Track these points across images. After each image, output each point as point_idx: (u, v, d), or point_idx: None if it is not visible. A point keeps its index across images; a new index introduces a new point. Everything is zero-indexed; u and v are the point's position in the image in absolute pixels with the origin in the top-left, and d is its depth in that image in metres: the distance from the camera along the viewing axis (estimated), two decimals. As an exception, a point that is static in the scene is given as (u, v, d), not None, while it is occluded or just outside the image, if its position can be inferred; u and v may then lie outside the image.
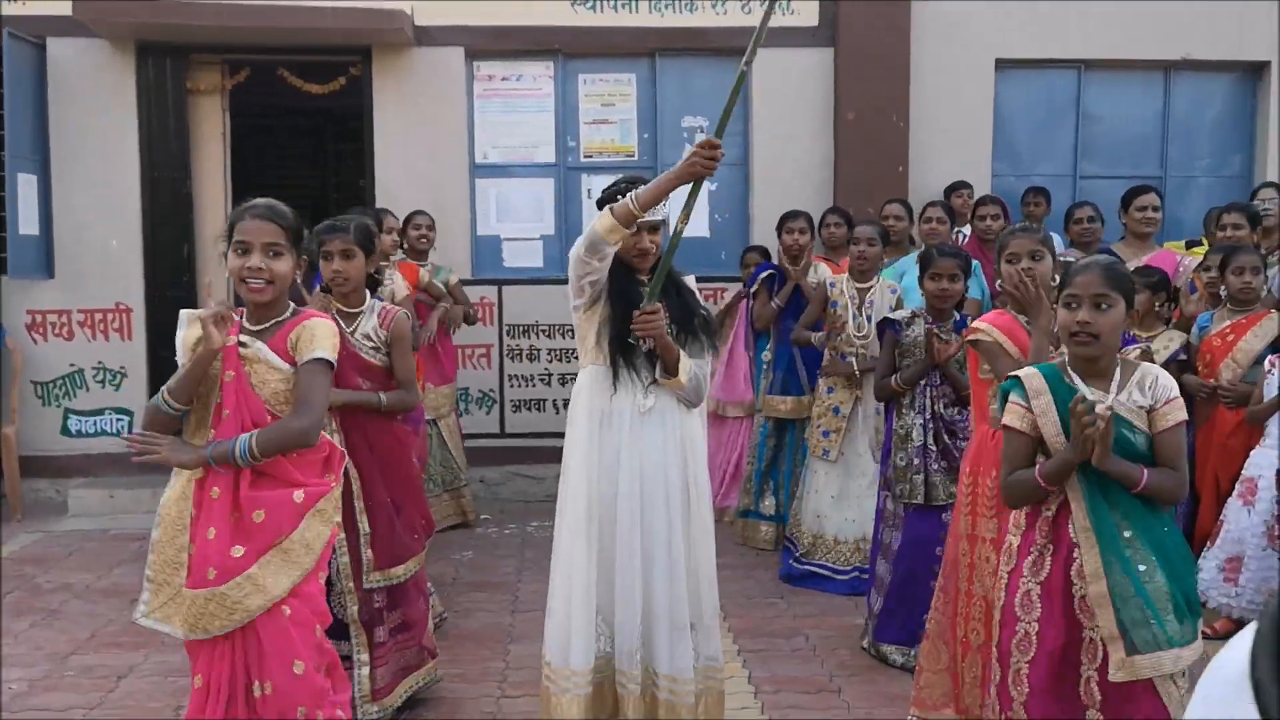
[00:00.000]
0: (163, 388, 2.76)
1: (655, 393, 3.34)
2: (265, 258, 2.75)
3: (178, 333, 2.83)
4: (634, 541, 3.30)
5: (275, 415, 2.77)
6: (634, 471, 3.30)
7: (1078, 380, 2.77)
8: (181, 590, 2.71)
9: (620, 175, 3.55)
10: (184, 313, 2.86)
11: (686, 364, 3.35)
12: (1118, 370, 2.80)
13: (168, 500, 2.76)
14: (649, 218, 3.27)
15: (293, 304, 2.89)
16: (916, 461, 4.39)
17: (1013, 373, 2.94)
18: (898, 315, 4.63)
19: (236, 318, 2.79)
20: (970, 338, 3.58)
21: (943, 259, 4.43)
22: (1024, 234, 3.56)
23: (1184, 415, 2.77)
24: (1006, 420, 2.84)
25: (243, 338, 2.78)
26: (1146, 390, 2.77)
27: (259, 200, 2.85)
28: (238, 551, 2.69)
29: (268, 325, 2.83)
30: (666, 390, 3.36)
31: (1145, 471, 2.68)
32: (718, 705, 3.47)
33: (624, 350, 3.30)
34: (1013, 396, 2.85)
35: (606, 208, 3.21)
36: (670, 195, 3.24)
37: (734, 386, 6.66)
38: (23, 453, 7.14)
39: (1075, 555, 2.71)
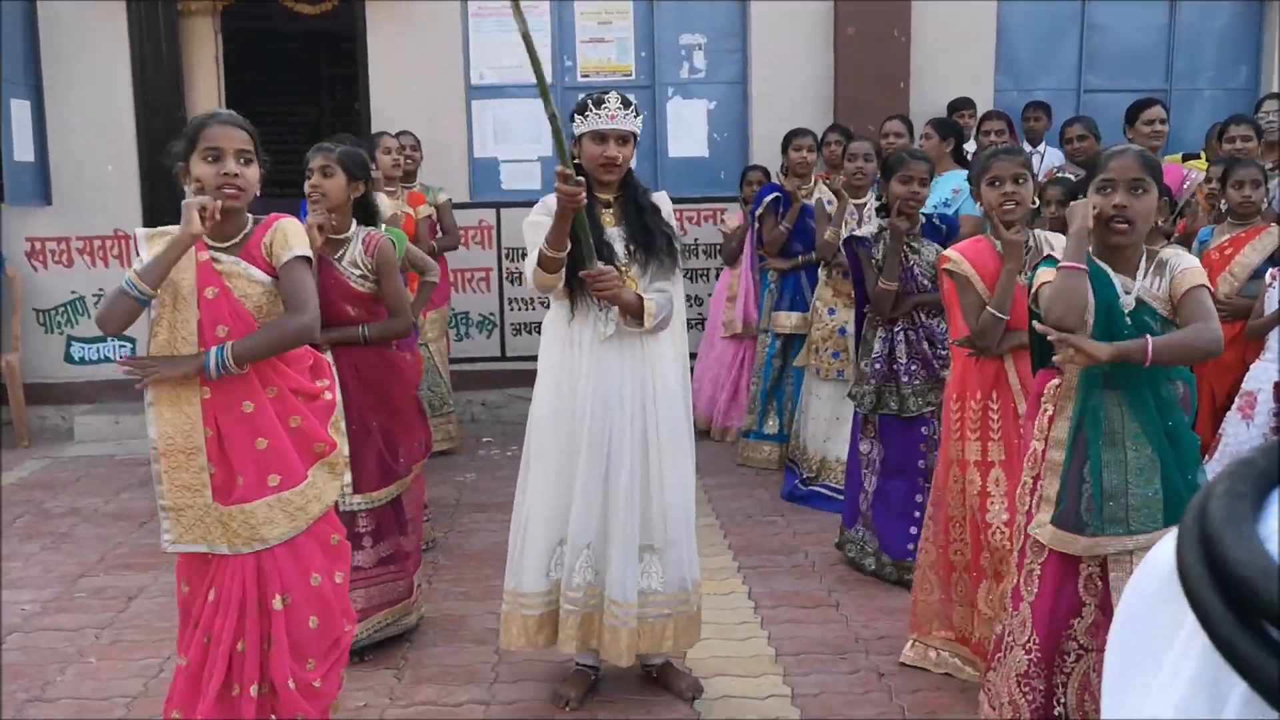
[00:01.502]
0: (129, 273, 2.61)
1: (615, 319, 3.30)
2: (237, 164, 2.67)
3: (140, 251, 2.68)
4: (594, 467, 3.31)
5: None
6: (594, 396, 3.30)
7: (1105, 266, 2.72)
8: (210, 508, 2.66)
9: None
10: (140, 231, 2.76)
11: (650, 305, 3.27)
12: (1143, 260, 2.75)
13: (168, 431, 2.67)
14: (620, 127, 3.26)
15: (250, 215, 2.80)
16: (871, 372, 4.42)
17: (1046, 256, 2.90)
18: (864, 231, 4.59)
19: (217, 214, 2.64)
20: (944, 266, 3.56)
21: (914, 161, 4.37)
22: (1007, 156, 3.50)
23: (1202, 278, 2.69)
24: (1041, 279, 2.74)
25: (214, 254, 2.69)
26: (1165, 271, 2.72)
27: (220, 109, 2.79)
28: (294, 455, 2.72)
29: (236, 240, 2.74)
30: None
31: (1150, 339, 2.58)
32: (689, 630, 3.48)
33: (580, 281, 3.25)
34: (1046, 271, 2.77)
35: (535, 260, 3.16)
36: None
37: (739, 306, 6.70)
38: (27, 380, 7.18)
39: (1085, 472, 2.72)
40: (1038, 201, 3.54)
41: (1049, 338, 2.61)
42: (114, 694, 3.60)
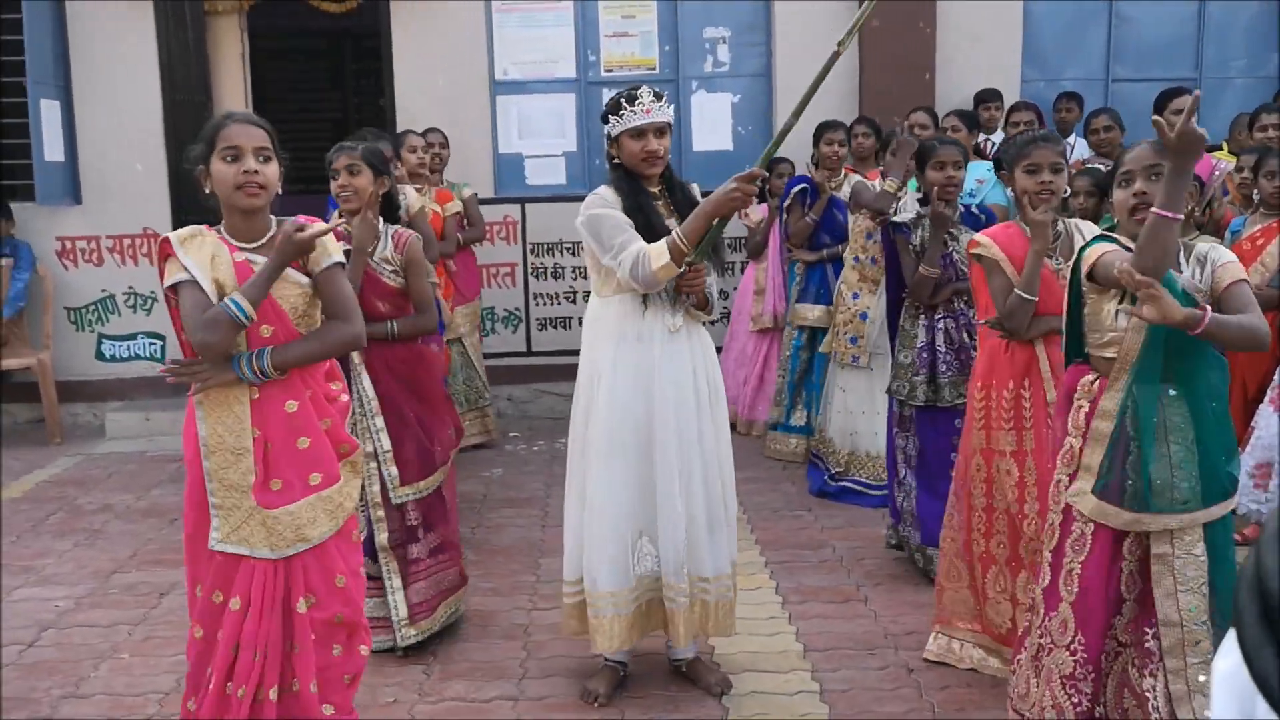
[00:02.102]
0: (236, 297, 2.58)
1: (681, 311, 3.39)
2: (257, 162, 2.66)
3: (182, 258, 2.64)
4: (673, 458, 3.34)
5: (297, 330, 2.74)
6: (669, 388, 3.34)
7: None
8: (254, 511, 2.66)
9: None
10: (172, 236, 2.70)
11: (714, 296, 3.44)
12: (1179, 253, 2.73)
13: (217, 430, 2.67)
14: (656, 119, 3.30)
15: (272, 216, 2.80)
16: (919, 362, 4.38)
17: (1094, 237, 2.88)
18: (903, 218, 4.56)
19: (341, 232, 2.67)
20: (973, 250, 3.54)
21: (945, 147, 4.35)
22: (1046, 144, 3.46)
23: (1242, 273, 2.69)
24: (1100, 251, 2.70)
25: (247, 255, 2.69)
26: (1205, 264, 2.71)
27: (237, 110, 2.80)
28: (331, 454, 2.75)
29: (263, 241, 2.73)
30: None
31: (1210, 311, 2.55)
32: (730, 615, 3.55)
33: None
34: (1102, 245, 2.74)
35: (666, 252, 3.18)
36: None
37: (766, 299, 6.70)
38: (59, 378, 7.25)
39: (1131, 450, 2.70)
40: (1068, 190, 3.50)
41: (1133, 283, 2.50)
42: (147, 690, 3.64)
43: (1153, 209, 2.57)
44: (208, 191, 2.75)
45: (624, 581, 3.39)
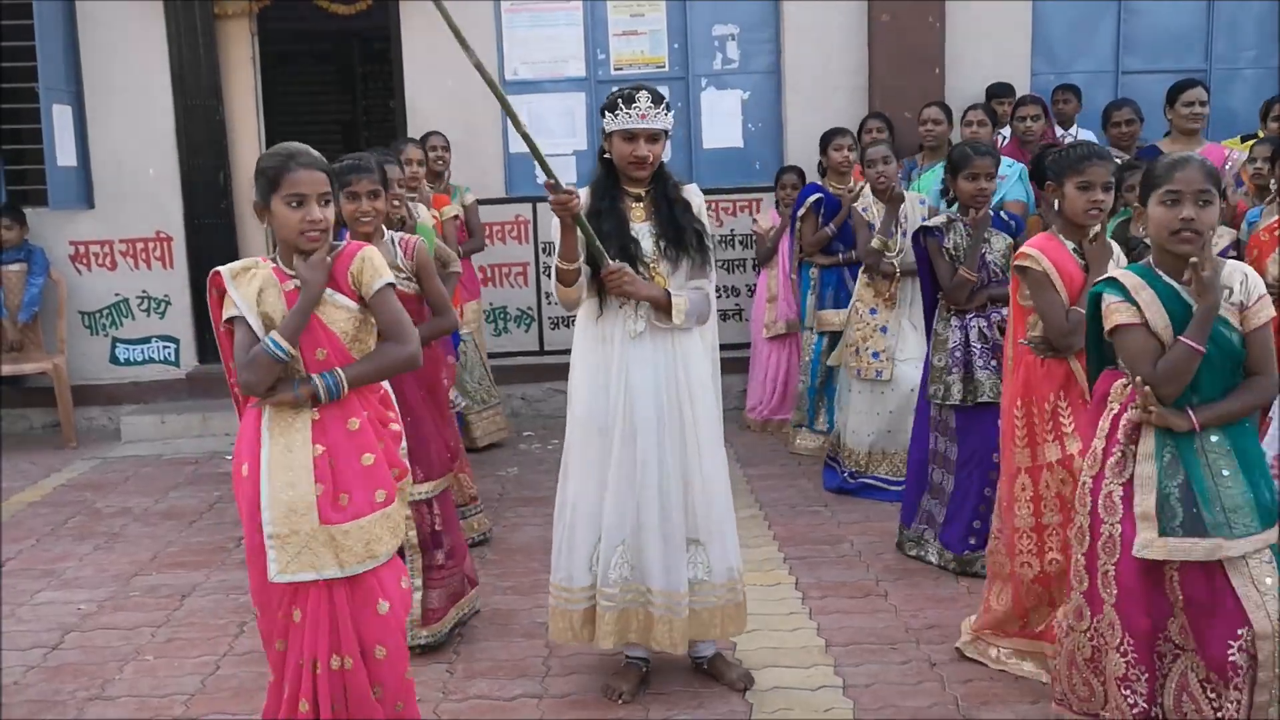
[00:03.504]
0: (274, 335, 2.64)
1: (646, 315, 3.32)
2: (319, 207, 2.69)
3: (231, 293, 2.71)
4: (626, 463, 3.33)
5: (350, 354, 2.76)
6: (625, 392, 3.32)
7: (1169, 279, 2.70)
8: (317, 531, 2.67)
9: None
10: (224, 270, 2.75)
11: (680, 301, 3.29)
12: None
13: (277, 453, 2.69)
14: (650, 126, 3.26)
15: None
16: (952, 363, 4.38)
17: (1105, 276, 2.87)
18: (934, 222, 4.58)
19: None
20: (1018, 263, 3.47)
21: (979, 158, 4.36)
22: (1101, 163, 3.39)
23: (1273, 313, 2.70)
24: (1118, 319, 2.71)
25: (297, 284, 2.72)
26: (1239, 287, 2.69)
27: (297, 147, 2.74)
28: (392, 473, 2.79)
29: None
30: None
31: (1216, 412, 2.67)
32: (737, 617, 3.50)
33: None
34: (1110, 297, 2.74)
35: (553, 276, 3.29)
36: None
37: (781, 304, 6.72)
38: (73, 382, 7.28)
39: (1181, 484, 2.67)
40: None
41: (1143, 402, 2.66)
42: (172, 691, 3.65)
43: (1181, 339, 2.62)
44: (265, 226, 2.79)
45: (582, 579, 3.40)
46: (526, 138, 3.14)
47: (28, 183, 7.40)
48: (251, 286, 2.72)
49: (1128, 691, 2.74)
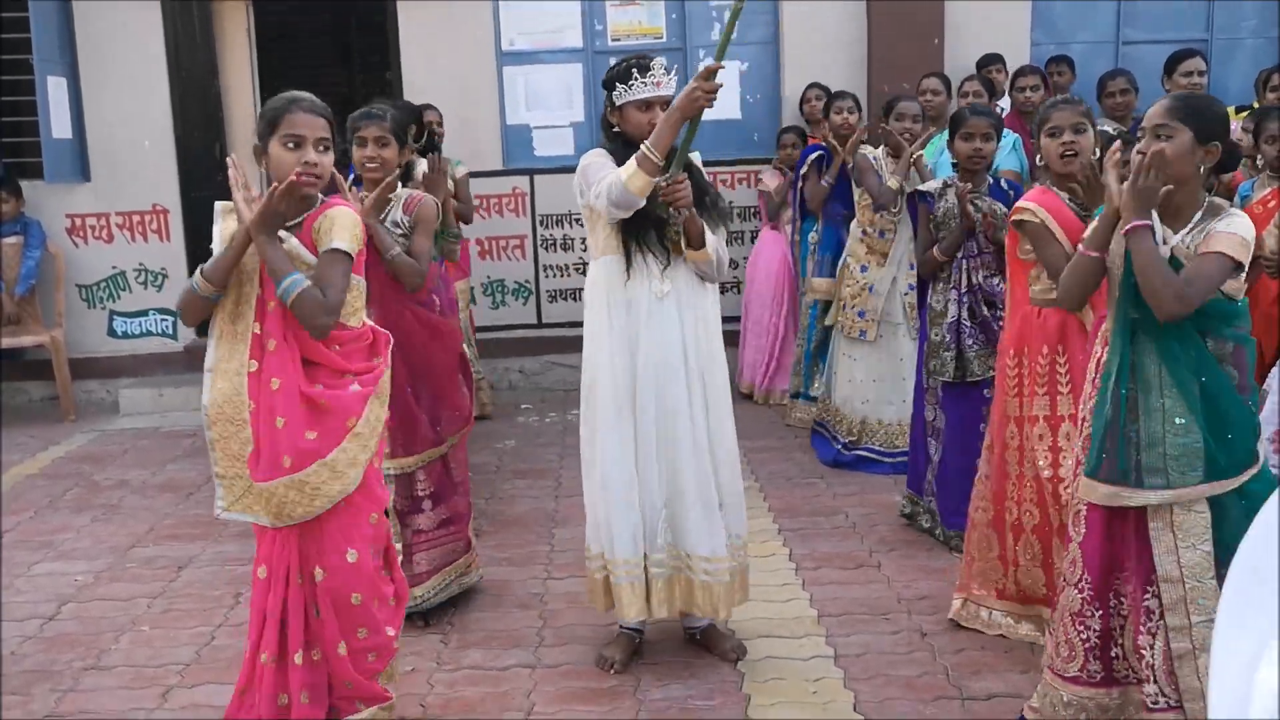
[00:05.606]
0: (197, 270, 2.71)
1: (671, 276, 3.33)
2: (317, 152, 2.68)
3: (214, 226, 2.79)
4: (651, 426, 3.34)
5: None
6: (651, 356, 3.32)
7: (1155, 219, 2.70)
8: (251, 486, 2.70)
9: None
10: (219, 205, 2.80)
11: (710, 236, 3.33)
12: (1199, 214, 2.71)
13: (218, 400, 2.71)
14: (661, 93, 3.28)
15: (320, 195, 2.82)
16: (949, 338, 4.36)
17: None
18: (928, 187, 4.55)
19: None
20: (1016, 218, 3.48)
21: (975, 118, 4.31)
22: (1066, 106, 3.46)
23: (1223, 247, 2.62)
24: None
25: (282, 234, 2.72)
26: (1206, 229, 2.68)
27: (301, 94, 2.75)
28: (311, 435, 2.70)
29: (300, 220, 2.76)
30: (685, 270, 3.34)
31: (1145, 239, 2.62)
32: (744, 585, 3.55)
33: (637, 236, 3.29)
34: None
35: (635, 164, 3.12)
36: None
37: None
38: (71, 355, 7.28)
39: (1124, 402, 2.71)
40: (1099, 152, 3.45)
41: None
42: (167, 661, 3.67)
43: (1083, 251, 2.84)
44: (261, 169, 2.76)
45: (630, 550, 3.39)
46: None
47: (23, 156, 7.37)
48: (230, 223, 2.74)
49: (1080, 626, 2.83)
